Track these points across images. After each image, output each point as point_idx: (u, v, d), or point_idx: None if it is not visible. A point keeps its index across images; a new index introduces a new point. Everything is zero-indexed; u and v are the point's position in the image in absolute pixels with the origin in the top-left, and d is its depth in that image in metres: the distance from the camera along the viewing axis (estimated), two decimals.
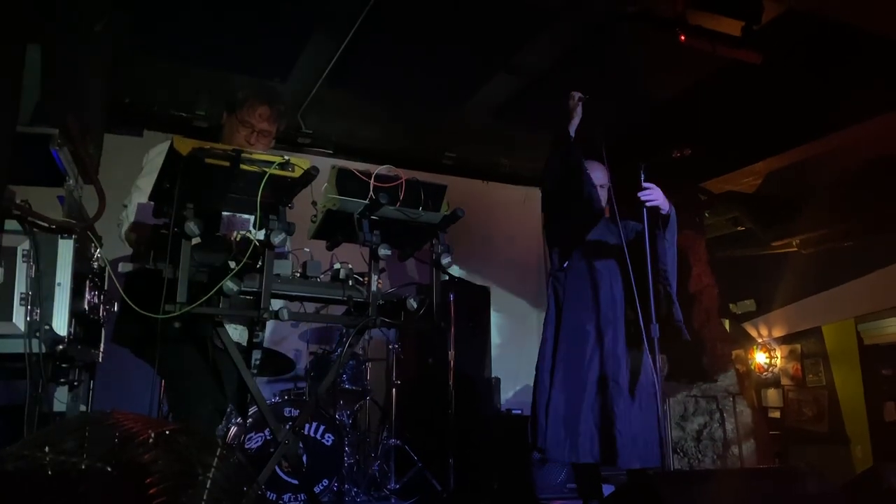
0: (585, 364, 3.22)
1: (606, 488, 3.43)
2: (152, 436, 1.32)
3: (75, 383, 2.56)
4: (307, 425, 3.92)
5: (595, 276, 3.33)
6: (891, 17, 3.67)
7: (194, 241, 1.97)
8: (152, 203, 2.11)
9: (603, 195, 3.41)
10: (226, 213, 2.45)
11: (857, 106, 4.51)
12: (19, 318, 1.86)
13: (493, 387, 5.14)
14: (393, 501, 4.33)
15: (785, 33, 4.02)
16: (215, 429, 2.38)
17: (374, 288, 2.23)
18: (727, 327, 6.74)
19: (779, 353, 7.31)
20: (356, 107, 5.22)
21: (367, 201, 2.15)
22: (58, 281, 1.94)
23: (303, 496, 3.76)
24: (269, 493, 3.65)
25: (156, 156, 2.44)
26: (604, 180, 3.42)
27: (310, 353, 4.59)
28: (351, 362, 4.44)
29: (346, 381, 4.44)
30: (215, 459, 1.39)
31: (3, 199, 1.82)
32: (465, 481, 4.42)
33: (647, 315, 3.04)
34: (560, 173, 3.32)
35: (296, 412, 3.94)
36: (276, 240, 2.02)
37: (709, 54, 3.89)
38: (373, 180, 2.15)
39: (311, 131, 5.44)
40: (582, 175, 3.28)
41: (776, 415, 7.26)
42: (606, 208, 3.46)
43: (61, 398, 2.66)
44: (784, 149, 5.20)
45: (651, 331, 3.03)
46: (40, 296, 1.89)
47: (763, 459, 5.39)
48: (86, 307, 2.25)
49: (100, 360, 2.57)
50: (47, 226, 1.95)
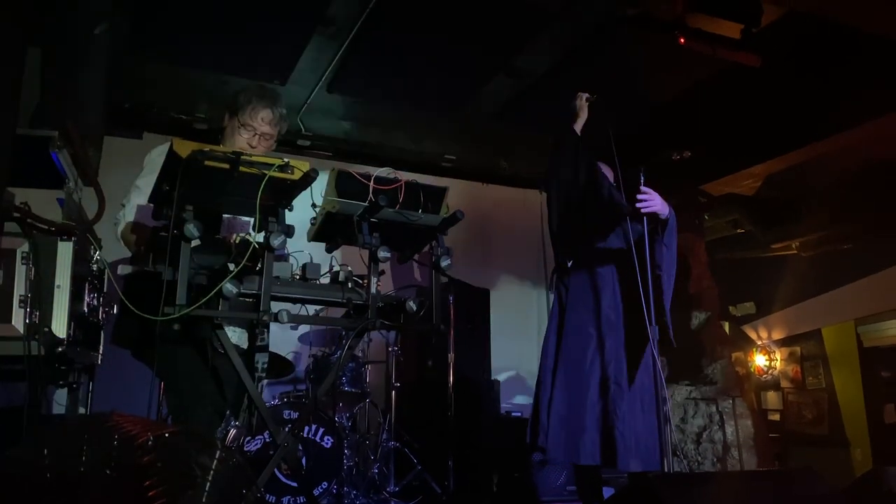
0: (587, 365, 3.21)
1: (606, 491, 3.42)
2: (151, 438, 1.32)
3: (74, 385, 2.57)
4: (306, 428, 3.91)
5: (598, 277, 3.32)
6: (890, 18, 3.68)
7: (194, 243, 1.96)
8: (152, 205, 2.11)
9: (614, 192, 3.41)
10: (225, 216, 2.46)
11: (856, 108, 4.52)
12: (18, 320, 1.86)
13: (492, 389, 5.13)
14: None
15: (784, 36, 4.02)
16: (215, 431, 2.37)
17: (373, 290, 2.23)
18: (727, 329, 6.74)
19: (778, 356, 7.31)
20: (356, 109, 5.22)
21: (366, 204, 2.15)
22: (57, 283, 1.95)
23: (302, 499, 3.75)
24: (268, 495, 3.64)
25: (157, 156, 2.42)
26: (610, 180, 3.42)
27: (310, 356, 4.59)
28: (350, 364, 4.43)
29: (346, 383, 4.43)
30: (214, 462, 1.39)
31: (3, 202, 1.82)
32: (464, 483, 4.42)
33: (649, 317, 3.04)
34: (568, 173, 3.30)
35: (295, 414, 3.93)
36: (276, 242, 2.01)
37: (708, 57, 3.89)
38: (372, 182, 2.15)
39: (310, 134, 5.44)
40: (596, 174, 3.26)
41: (776, 417, 7.26)
42: None
43: (60, 400, 2.66)
44: (784, 151, 5.21)
45: (652, 333, 3.02)
46: (40, 298, 1.89)
47: (763, 462, 5.38)
48: (85, 309, 2.25)
49: (99, 362, 2.57)
50: (47, 228, 1.95)
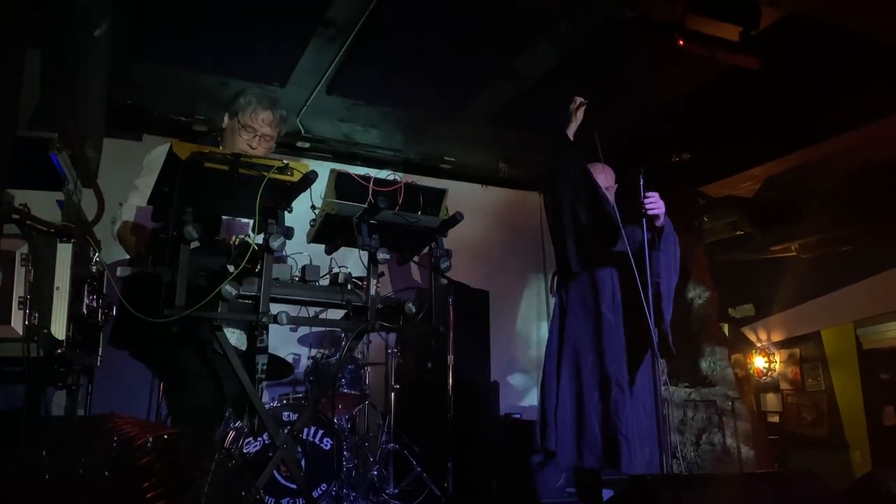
0: (588, 368, 3.21)
1: (605, 493, 3.42)
2: (150, 440, 1.32)
3: (73, 387, 2.56)
4: (306, 429, 3.91)
5: (597, 280, 3.32)
6: (888, 20, 3.68)
7: (193, 244, 1.96)
8: (151, 206, 2.11)
9: (609, 197, 3.41)
10: (225, 217, 2.46)
11: (855, 110, 4.52)
12: (17, 321, 1.86)
13: (492, 391, 5.13)
14: None
15: (783, 38, 4.02)
16: (214, 433, 2.37)
17: (372, 292, 2.23)
18: (726, 331, 6.74)
19: (778, 358, 7.30)
20: (355, 111, 5.22)
21: (365, 205, 2.15)
22: (56, 285, 1.95)
23: (301, 501, 3.74)
24: (267, 497, 3.63)
25: (156, 157, 2.42)
26: (609, 182, 3.41)
27: (309, 357, 4.58)
28: (350, 366, 4.42)
29: (345, 385, 4.43)
30: (213, 464, 1.39)
31: (3, 203, 1.82)
32: (464, 485, 4.41)
33: (649, 319, 3.04)
34: (561, 178, 3.29)
35: (294, 416, 3.93)
36: (275, 244, 2.01)
37: (707, 59, 3.90)
38: (372, 184, 2.15)
39: (310, 135, 5.44)
40: (589, 180, 3.25)
41: (775, 419, 7.25)
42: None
43: (60, 402, 2.66)
44: (783, 153, 5.21)
45: (653, 335, 3.02)
46: (39, 300, 1.89)
47: (762, 464, 5.38)
48: (84, 311, 2.25)
49: (98, 363, 2.57)
50: (46, 230, 1.95)
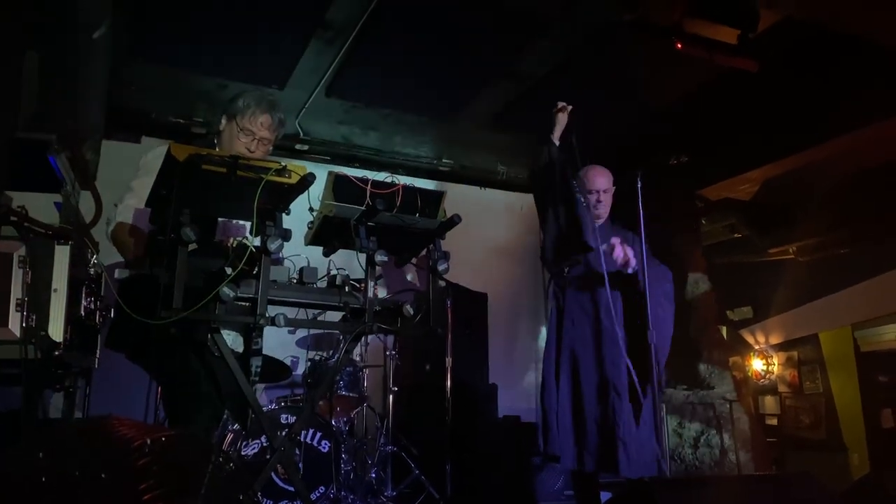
0: (586, 372, 3.21)
1: (603, 495, 3.42)
2: (148, 442, 1.32)
3: (71, 389, 2.56)
4: (304, 432, 3.90)
5: (593, 284, 3.32)
6: (886, 23, 3.69)
7: (191, 246, 1.96)
8: (148, 208, 2.11)
9: (606, 200, 3.40)
10: (222, 219, 2.46)
11: (853, 113, 4.53)
12: (15, 323, 1.86)
13: (490, 393, 5.12)
14: None
15: (781, 41, 4.03)
16: (212, 435, 2.36)
17: (370, 294, 2.23)
18: (724, 334, 6.73)
19: (776, 360, 7.30)
20: (353, 113, 5.23)
21: (363, 208, 2.16)
22: (54, 287, 1.94)
23: (299, 503, 3.74)
24: (265, 500, 3.63)
25: (153, 158, 2.42)
26: (607, 185, 3.41)
27: (307, 360, 4.58)
28: (348, 369, 4.42)
29: (343, 387, 4.42)
30: (211, 466, 1.38)
31: (0, 205, 1.82)
32: (462, 488, 4.40)
33: (645, 322, 3.04)
34: (547, 182, 3.27)
35: (293, 419, 3.92)
36: (273, 246, 2.01)
37: (706, 62, 3.90)
38: (369, 187, 2.16)
39: (308, 137, 5.44)
40: (569, 191, 3.23)
41: (773, 422, 7.24)
42: (606, 217, 3.46)
43: (57, 404, 2.65)
44: (781, 156, 5.22)
45: (650, 337, 3.03)
46: (36, 302, 1.88)
47: (760, 467, 5.37)
48: (82, 313, 2.25)
49: (96, 365, 2.56)
50: (44, 231, 1.95)
